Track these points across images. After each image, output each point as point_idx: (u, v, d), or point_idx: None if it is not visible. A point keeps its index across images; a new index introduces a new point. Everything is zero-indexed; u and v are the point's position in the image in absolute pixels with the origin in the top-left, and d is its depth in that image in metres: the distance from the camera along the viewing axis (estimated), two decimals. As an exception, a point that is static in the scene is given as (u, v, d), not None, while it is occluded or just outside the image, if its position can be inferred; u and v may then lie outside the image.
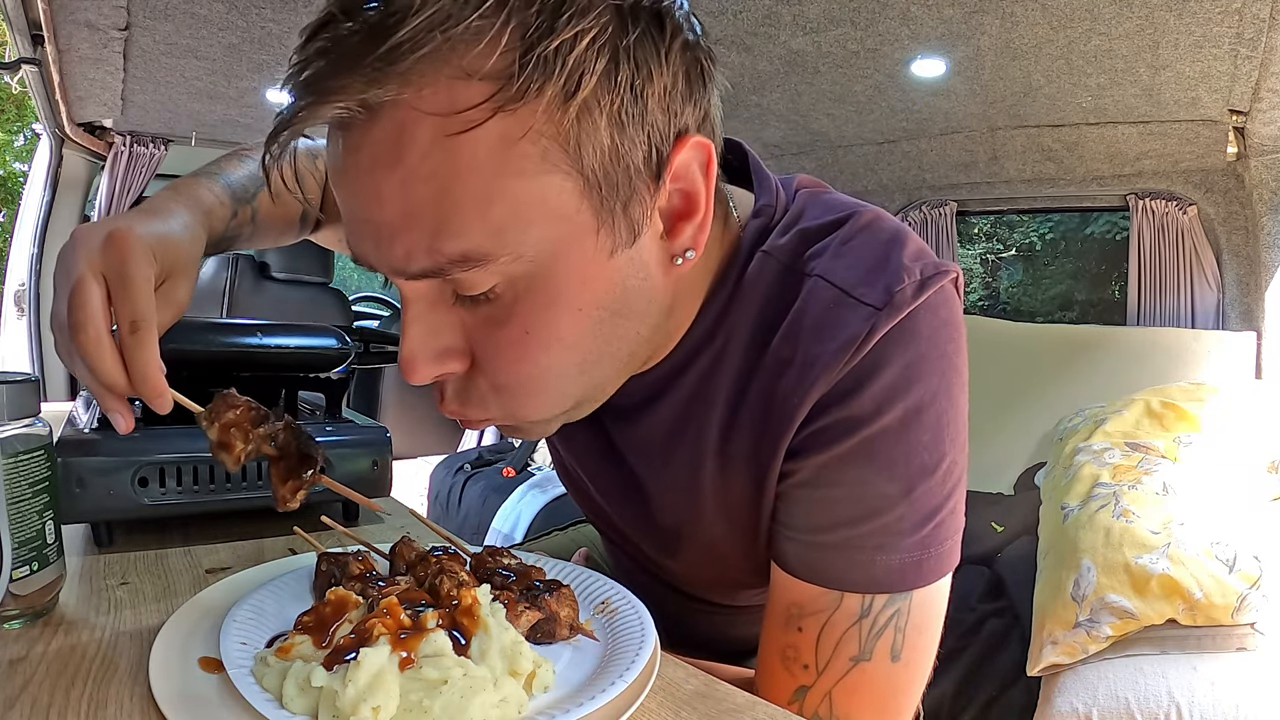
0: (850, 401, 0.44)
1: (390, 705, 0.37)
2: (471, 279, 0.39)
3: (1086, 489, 1.24)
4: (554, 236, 0.38)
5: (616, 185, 0.38)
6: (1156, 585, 1.01)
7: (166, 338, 0.73)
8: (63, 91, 2.05)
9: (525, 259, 0.38)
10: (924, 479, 0.45)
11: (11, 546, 0.47)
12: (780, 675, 0.48)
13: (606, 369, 0.45)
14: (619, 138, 0.37)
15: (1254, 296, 1.90)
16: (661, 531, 0.57)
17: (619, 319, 0.43)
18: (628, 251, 0.41)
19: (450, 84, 0.35)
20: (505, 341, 0.41)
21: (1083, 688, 1.01)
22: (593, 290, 0.41)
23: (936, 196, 2.47)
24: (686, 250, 0.43)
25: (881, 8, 1.45)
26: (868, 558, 0.45)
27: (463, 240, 0.37)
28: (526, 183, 0.37)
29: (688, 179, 0.41)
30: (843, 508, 0.45)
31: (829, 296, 0.45)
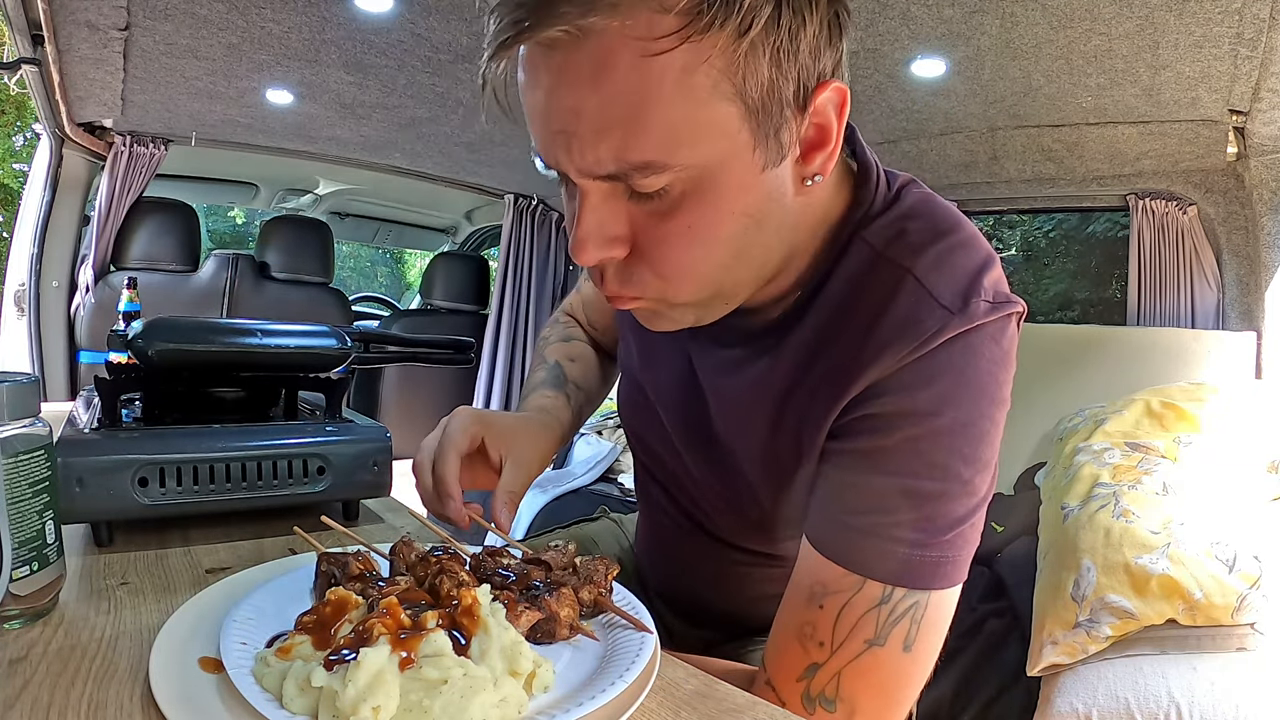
0: (908, 395, 0.48)
1: (390, 705, 0.37)
2: (649, 182, 0.45)
3: (1086, 489, 1.24)
4: (720, 151, 0.45)
5: (771, 114, 0.45)
6: (1156, 585, 1.01)
7: (167, 338, 0.74)
8: (63, 91, 2.05)
9: (695, 167, 0.45)
10: (961, 487, 0.49)
11: (11, 546, 0.47)
12: (794, 651, 0.50)
13: (743, 272, 0.52)
14: (776, 74, 0.44)
15: (1254, 296, 1.90)
16: (710, 447, 0.63)
17: (760, 228, 0.49)
18: (775, 170, 0.47)
19: (650, 15, 0.41)
20: (670, 232, 0.47)
21: (1082, 688, 1.01)
22: (746, 198, 0.47)
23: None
24: (815, 174, 0.49)
25: (881, 8, 1.45)
26: (897, 549, 0.48)
27: (647, 151, 0.44)
28: (701, 106, 0.43)
29: (824, 115, 0.47)
30: (883, 496, 0.49)
31: (916, 293, 0.50)
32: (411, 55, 1.85)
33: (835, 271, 0.54)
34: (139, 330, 0.73)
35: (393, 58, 1.88)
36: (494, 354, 3.48)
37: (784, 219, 0.51)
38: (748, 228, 0.48)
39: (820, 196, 0.54)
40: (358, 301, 4.22)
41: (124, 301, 1.30)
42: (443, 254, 3.81)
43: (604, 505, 1.13)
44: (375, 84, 2.07)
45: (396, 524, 0.80)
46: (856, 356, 0.50)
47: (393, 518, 0.82)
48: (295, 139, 2.73)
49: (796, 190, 0.50)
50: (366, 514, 0.82)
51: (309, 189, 3.67)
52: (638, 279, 0.50)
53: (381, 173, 3.16)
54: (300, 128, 2.58)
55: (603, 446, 2.48)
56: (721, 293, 0.53)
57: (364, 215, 4.03)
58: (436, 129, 2.50)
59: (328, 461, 0.74)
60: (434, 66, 1.92)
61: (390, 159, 3.01)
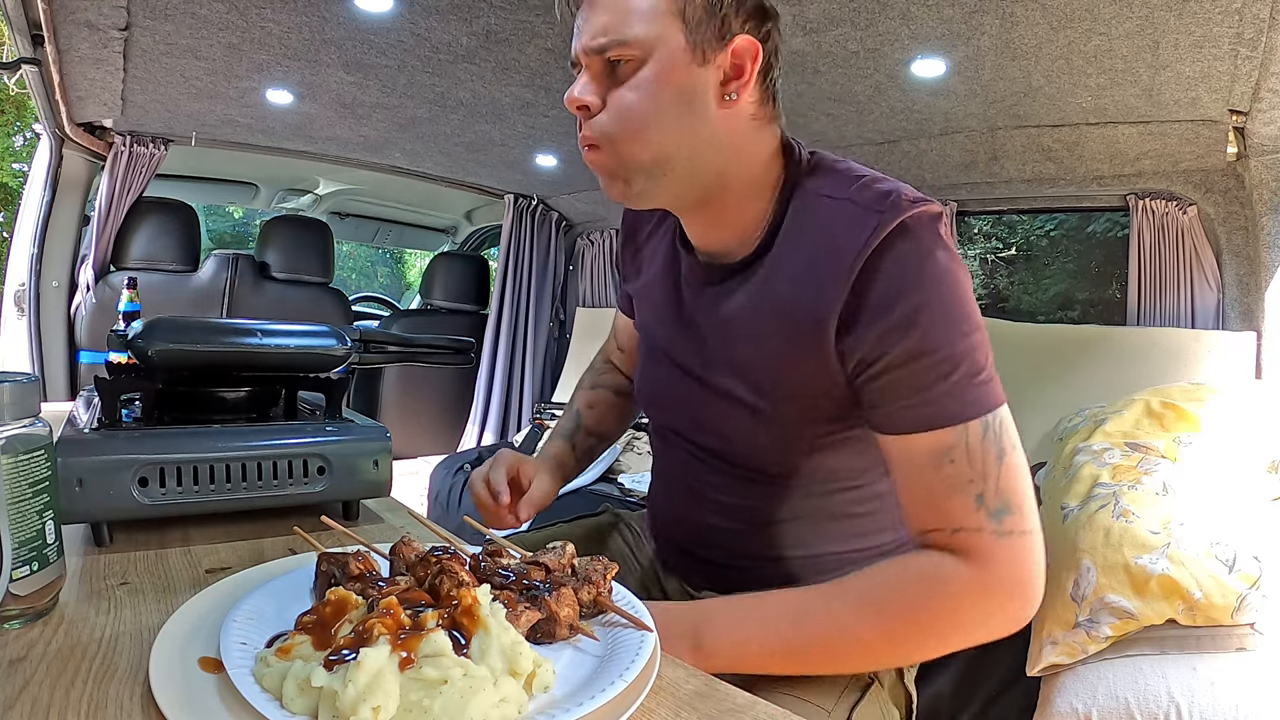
0: (889, 282, 0.62)
1: (390, 705, 0.37)
2: (618, 51, 0.67)
3: (1086, 489, 1.24)
4: (664, 40, 0.66)
5: (701, 33, 0.66)
6: (1156, 585, 1.01)
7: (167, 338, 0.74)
8: (63, 91, 2.05)
9: (647, 45, 0.66)
10: (975, 329, 0.64)
11: (11, 546, 0.47)
12: (956, 499, 0.62)
13: (676, 150, 0.68)
14: (705, 14, 0.66)
15: (1254, 296, 1.90)
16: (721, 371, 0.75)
17: (687, 112, 0.68)
18: (700, 70, 0.67)
19: None
20: (625, 91, 0.68)
21: (1082, 688, 1.01)
22: (676, 80, 0.67)
23: (936, 196, 2.47)
24: (730, 94, 0.68)
25: (881, 8, 1.45)
26: (968, 394, 0.62)
27: (623, 33, 0.66)
28: (658, 13, 0.66)
29: (740, 56, 0.68)
30: (936, 368, 0.62)
31: (853, 210, 0.66)
32: (411, 55, 1.85)
33: (788, 213, 0.71)
34: (139, 330, 0.73)
35: (393, 58, 1.88)
36: (494, 354, 3.48)
37: (710, 123, 0.69)
38: (674, 105, 0.67)
39: (757, 153, 0.72)
40: (358, 301, 4.22)
41: (124, 301, 1.30)
42: (443, 254, 3.81)
43: (606, 504, 1.14)
44: (375, 84, 2.07)
45: (396, 524, 0.80)
46: (825, 263, 0.66)
47: (393, 518, 0.82)
48: (295, 139, 2.73)
49: (719, 102, 0.68)
50: (366, 514, 0.82)
51: (309, 189, 3.67)
52: (599, 126, 0.69)
53: (381, 173, 3.16)
54: (300, 128, 2.58)
55: (603, 446, 2.48)
56: (658, 162, 0.69)
57: (364, 215, 4.03)
58: (436, 129, 2.50)
59: (328, 461, 0.74)
60: (434, 66, 1.92)
61: (390, 159, 3.01)
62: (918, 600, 0.62)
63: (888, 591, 0.63)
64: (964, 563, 0.61)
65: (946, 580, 0.61)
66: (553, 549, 0.59)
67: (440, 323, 3.42)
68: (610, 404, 1.07)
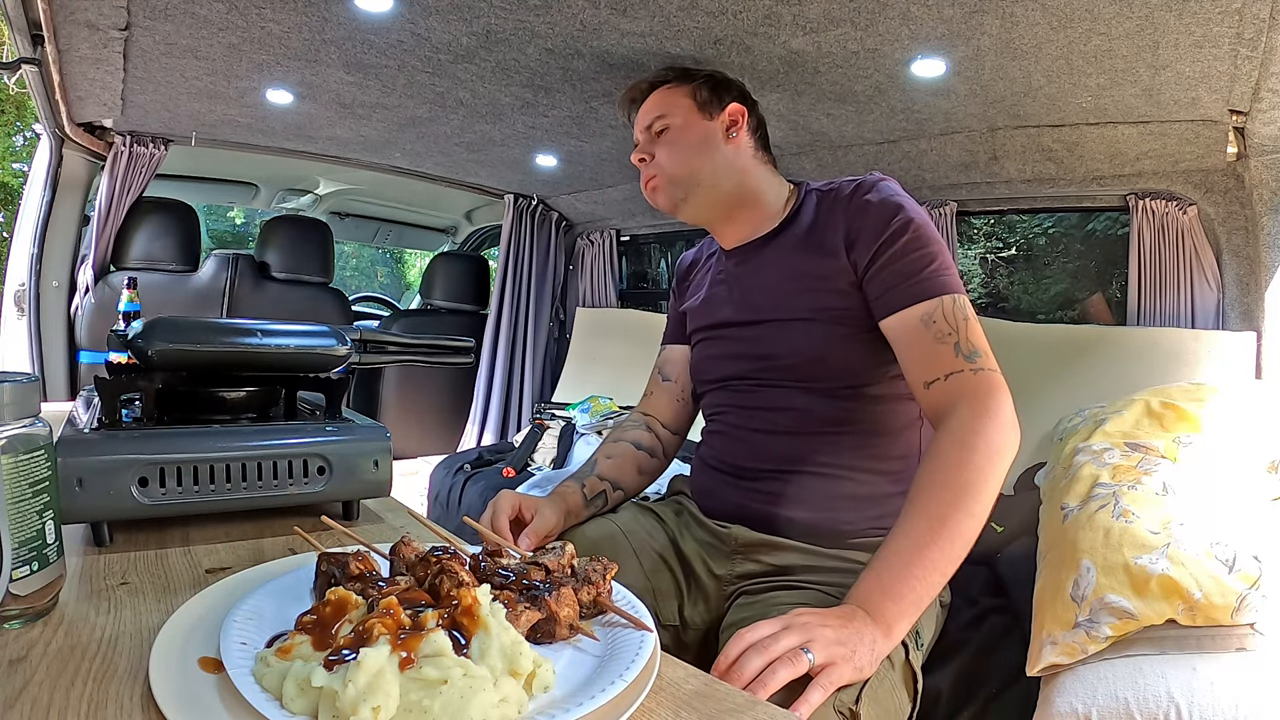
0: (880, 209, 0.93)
1: (390, 705, 0.37)
2: (660, 125, 1.10)
3: (1086, 489, 1.24)
4: (688, 115, 1.09)
5: (705, 106, 1.09)
6: (1156, 585, 1.01)
7: (167, 338, 0.74)
8: (63, 91, 2.05)
9: (677, 119, 1.09)
10: (941, 243, 0.92)
11: (11, 546, 0.47)
12: (943, 349, 0.87)
13: (701, 173, 1.06)
14: (707, 96, 1.10)
15: (1254, 296, 1.90)
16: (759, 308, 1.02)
17: (706, 147, 1.07)
18: (709, 123, 1.08)
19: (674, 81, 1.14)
20: (665, 144, 1.09)
21: (1082, 688, 1.01)
22: (698, 131, 1.08)
23: (936, 196, 2.47)
24: (730, 132, 1.08)
25: (881, 8, 1.45)
26: (941, 278, 0.89)
27: (662, 112, 1.11)
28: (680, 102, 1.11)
29: (734, 114, 1.09)
30: (918, 260, 0.90)
31: (842, 182, 1.01)
32: (411, 55, 1.85)
33: (803, 202, 1.05)
34: (139, 330, 0.73)
35: (393, 58, 1.88)
36: (494, 354, 3.47)
37: (721, 152, 1.07)
38: (700, 143, 1.07)
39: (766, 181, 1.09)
40: (358, 301, 4.22)
41: (124, 301, 1.30)
42: (443, 254, 3.81)
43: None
44: (375, 84, 2.07)
45: (396, 524, 0.80)
46: (828, 214, 0.99)
47: (393, 518, 0.82)
48: (295, 139, 2.73)
49: (725, 138, 1.08)
50: (366, 514, 0.82)
51: (309, 189, 3.67)
52: (654, 167, 1.09)
53: (381, 173, 3.15)
54: (300, 128, 2.58)
55: (603, 446, 2.48)
56: (689, 177, 1.06)
57: (364, 215, 4.03)
58: (436, 129, 2.49)
59: (328, 461, 0.74)
60: (434, 66, 1.92)
61: (390, 159, 3.01)
62: (958, 457, 0.79)
63: (941, 473, 0.79)
64: (959, 407, 0.83)
65: (958, 429, 0.81)
66: (552, 549, 0.59)
67: (440, 323, 3.42)
68: (629, 456, 1.16)
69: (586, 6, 1.52)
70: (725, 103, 1.08)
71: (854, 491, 0.96)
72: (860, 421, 0.96)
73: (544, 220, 3.56)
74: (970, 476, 0.78)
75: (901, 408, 0.98)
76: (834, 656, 0.67)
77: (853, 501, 0.96)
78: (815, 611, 0.72)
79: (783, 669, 0.64)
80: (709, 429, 1.11)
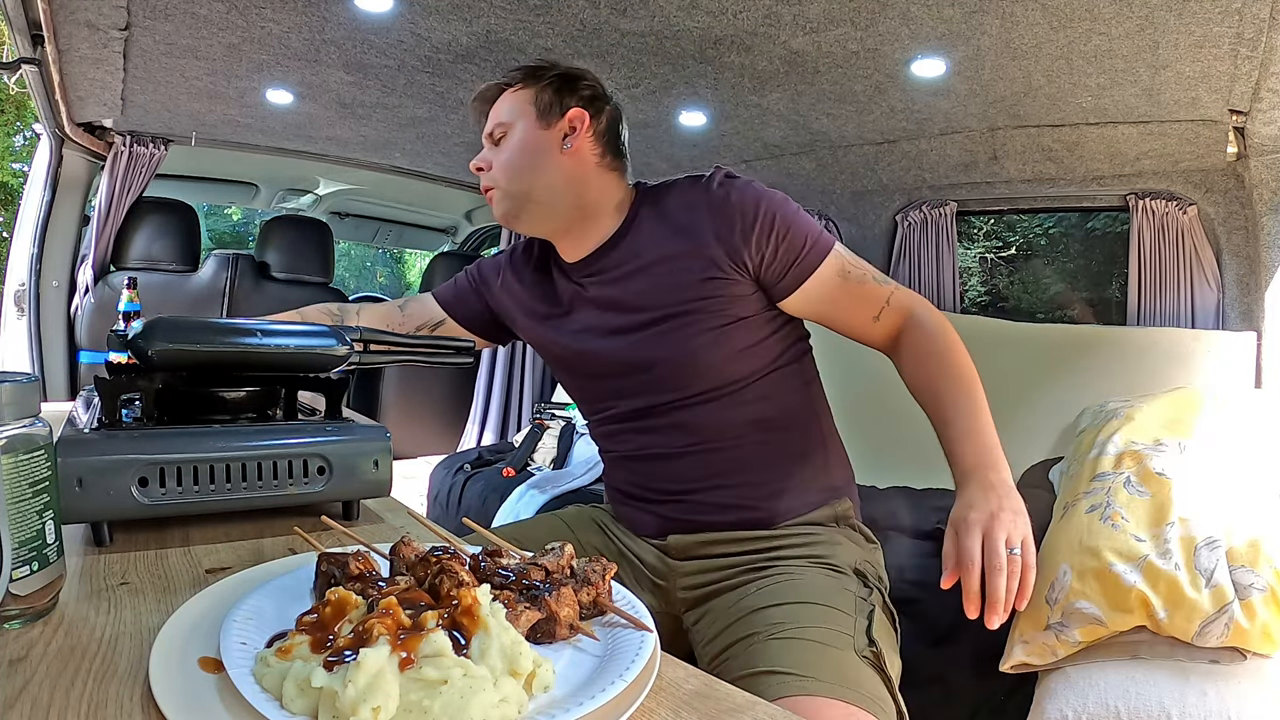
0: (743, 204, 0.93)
1: (390, 705, 0.37)
2: (499, 132, 1.02)
3: (1079, 491, 1.24)
4: (525, 122, 1.00)
5: (545, 111, 1.00)
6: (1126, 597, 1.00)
7: (167, 338, 0.74)
8: (63, 91, 2.05)
9: (512, 126, 1.01)
10: (800, 209, 0.96)
11: (11, 546, 0.47)
12: (868, 289, 0.96)
13: (537, 184, 0.99)
14: (549, 100, 1.00)
15: (1254, 296, 1.90)
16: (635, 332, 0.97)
17: (539, 159, 0.99)
18: (545, 132, 1.00)
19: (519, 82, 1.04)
20: (500, 156, 1.01)
21: (1073, 694, 1.01)
22: (530, 139, 1.00)
23: (936, 196, 2.47)
24: (565, 142, 0.99)
25: (881, 8, 1.45)
26: (822, 241, 0.94)
27: (500, 118, 1.02)
28: (520, 107, 1.01)
29: (574, 121, 1.00)
30: (802, 233, 0.93)
31: (688, 180, 1.00)
32: (411, 55, 1.85)
33: (640, 206, 1.01)
34: (139, 330, 0.73)
35: (393, 58, 1.88)
36: (494, 354, 3.47)
37: (555, 164, 0.99)
38: (534, 154, 0.99)
39: (606, 189, 1.02)
40: (357, 301, 4.21)
41: (124, 301, 1.30)
42: (443, 254, 3.81)
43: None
44: (375, 84, 2.07)
45: (396, 524, 0.80)
46: (684, 215, 0.96)
47: (393, 518, 0.82)
48: (295, 139, 2.73)
49: (560, 148, 0.99)
50: (366, 514, 0.82)
51: (309, 189, 3.67)
52: (490, 178, 1.02)
53: (381, 173, 3.16)
54: (300, 128, 2.58)
55: (603, 446, 2.48)
56: (523, 192, 1.00)
57: (364, 215, 4.03)
58: (436, 129, 2.50)
59: (328, 461, 0.74)
60: (434, 66, 1.92)
61: (390, 159, 3.01)
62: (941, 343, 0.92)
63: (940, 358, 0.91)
64: (910, 315, 0.96)
65: (924, 326, 0.94)
66: (552, 550, 0.59)
67: (440, 323, 3.41)
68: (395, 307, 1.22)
69: (586, 6, 1.52)
70: (565, 108, 0.99)
71: (781, 475, 0.98)
72: (762, 411, 0.97)
73: (544, 220, 3.56)
74: (959, 355, 0.92)
75: (792, 382, 0.99)
76: (1022, 531, 0.79)
77: (782, 486, 0.98)
78: (969, 502, 0.81)
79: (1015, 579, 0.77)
80: (610, 457, 1.08)
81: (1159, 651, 1.00)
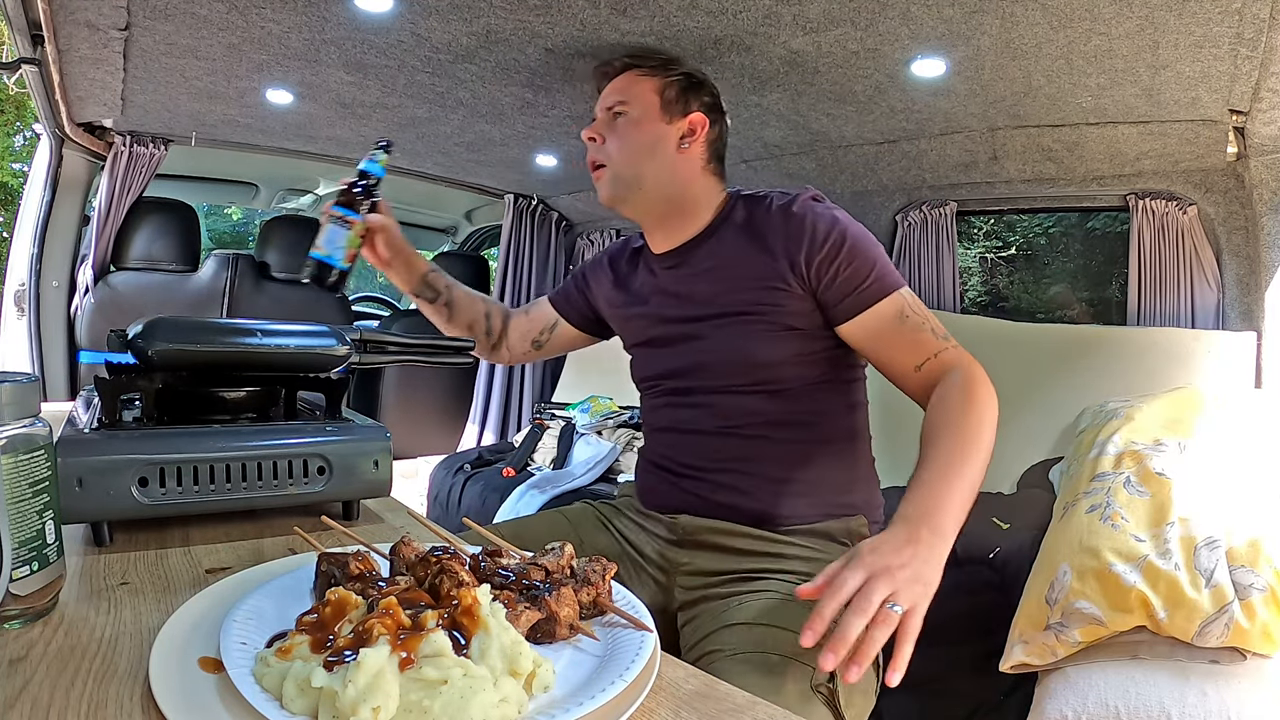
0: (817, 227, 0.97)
1: (390, 705, 0.37)
2: (619, 109, 1.08)
3: (1079, 491, 1.24)
4: (648, 111, 1.07)
5: (668, 106, 1.07)
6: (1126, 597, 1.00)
7: (167, 338, 0.74)
8: (63, 91, 2.05)
9: (636, 108, 1.07)
10: (877, 243, 0.99)
11: (11, 546, 0.47)
12: (924, 335, 0.94)
13: (645, 172, 1.06)
14: (673, 95, 1.07)
15: (1254, 296, 1.90)
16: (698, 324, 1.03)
17: (656, 151, 1.06)
18: (666, 127, 1.06)
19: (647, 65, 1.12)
20: (618, 133, 1.07)
21: (1073, 694, 1.01)
22: (650, 128, 1.06)
23: (936, 196, 2.47)
24: (684, 141, 1.06)
25: (881, 8, 1.45)
26: (890, 277, 0.96)
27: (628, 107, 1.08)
28: (645, 92, 1.08)
29: (693, 123, 1.07)
30: (867, 264, 0.95)
31: (777, 196, 1.03)
32: (411, 55, 1.85)
33: (731, 210, 1.07)
34: (139, 330, 0.73)
35: (393, 58, 1.88)
36: (494, 354, 3.47)
37: (669, 159, 1.06)
38: (649, 144, 1.06)
39: (705, 192, 1.08)
40: (358, 301, 4.21)
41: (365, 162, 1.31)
42: (443, 254, 3.81)
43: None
44: (375, 84, 2.07)
45: (396, 524, 0.80)
46: (764, 228, 1.01)
47: (393, 518, 0.82)
48: (295, 139, 2.73)
49: (676, 147, 1.06)
50: (366, 514, 0.82)
51: (309, 189, 3.67)
52: (604, 154, 1.08)
53: (381, 173, 3.15)
54: (300, 128, 2.57)
55: (602, 447, 2.48)
56: (634, 177, 1.06)
57: (364, 215, 4.02)
58: (436, 129, 2.49)
59: (328, 461, 0.74)
60: (434, 66, 1.92)
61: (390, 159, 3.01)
62: (963, 403, 0.87)
63: (958, 416, 0.86)
64: (953, 372, 0.91)
65: (958, 384, 0.89)
66: (552, 550, 0.59)
67: (440, 323, 3.41)
68: (479, 297, 1.32)
69: (586, 6, 1.52)
70: (689, 110, 1.06)
71: (798, 479, 0.99)
72: (797, 415, 1.00)
73: (544, 220, 3.56)
74: (976, 417, 0.87)
75: (832, 398, 1.02)
76: (915, 598, 0.70)
77: (798, 489, 0.99)
78: (880, 543, 0.74)
79: (879, 631, 0.66)
80: (651, 429, 1.14)
81: (1159, 652, 1.00)
